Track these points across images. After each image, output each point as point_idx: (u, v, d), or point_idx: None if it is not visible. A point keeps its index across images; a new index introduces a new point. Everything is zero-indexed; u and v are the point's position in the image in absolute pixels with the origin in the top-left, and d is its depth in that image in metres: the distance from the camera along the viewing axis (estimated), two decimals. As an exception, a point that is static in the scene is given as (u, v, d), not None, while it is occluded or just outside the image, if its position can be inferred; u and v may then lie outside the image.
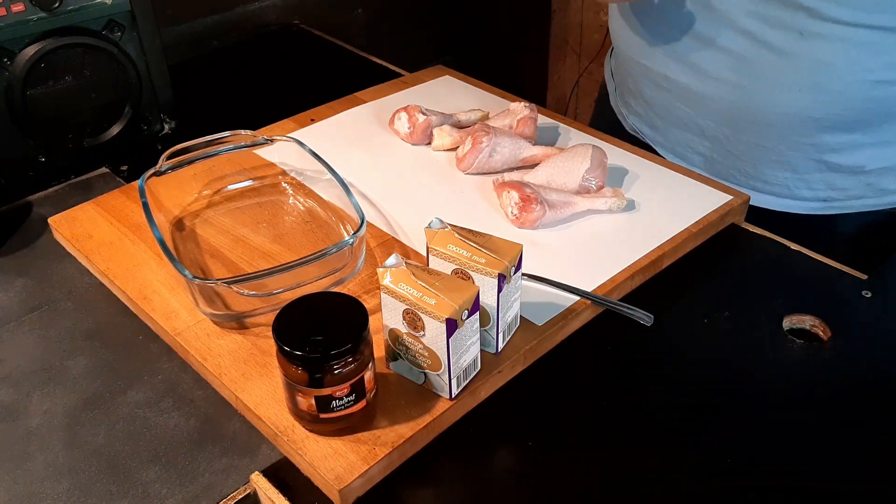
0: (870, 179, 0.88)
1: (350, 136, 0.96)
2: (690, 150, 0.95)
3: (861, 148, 0.85)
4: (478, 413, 0.64)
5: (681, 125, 0.94)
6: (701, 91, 0.88)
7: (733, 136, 0.90)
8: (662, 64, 0.91)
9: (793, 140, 0.85)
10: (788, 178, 0.90)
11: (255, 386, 0.63)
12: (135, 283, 0.74)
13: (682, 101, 0.92)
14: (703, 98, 0.89)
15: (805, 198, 0.91)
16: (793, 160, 0.88)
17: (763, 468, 0.59)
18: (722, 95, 0.87)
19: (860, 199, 0.89)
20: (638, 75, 0.97)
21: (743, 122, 0.87)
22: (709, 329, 0.71)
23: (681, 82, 0.90)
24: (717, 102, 0.88)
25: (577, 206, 0.81)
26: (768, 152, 0.88)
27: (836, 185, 0.89)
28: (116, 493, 0.58)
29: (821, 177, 0.88)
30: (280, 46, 1.30)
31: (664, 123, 0.97)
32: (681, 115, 0.93)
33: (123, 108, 0.93)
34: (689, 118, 0.92)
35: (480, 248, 0.62)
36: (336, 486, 0.56)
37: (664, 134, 0.98)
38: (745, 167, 0.91)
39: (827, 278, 0.77)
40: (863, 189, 0.89)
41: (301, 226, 0.81)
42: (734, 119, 0.88)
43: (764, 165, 0.90)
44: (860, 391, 0.66)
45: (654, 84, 0.94)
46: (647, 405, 0.65)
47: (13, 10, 0.82)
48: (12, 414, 0.64)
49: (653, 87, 0.95)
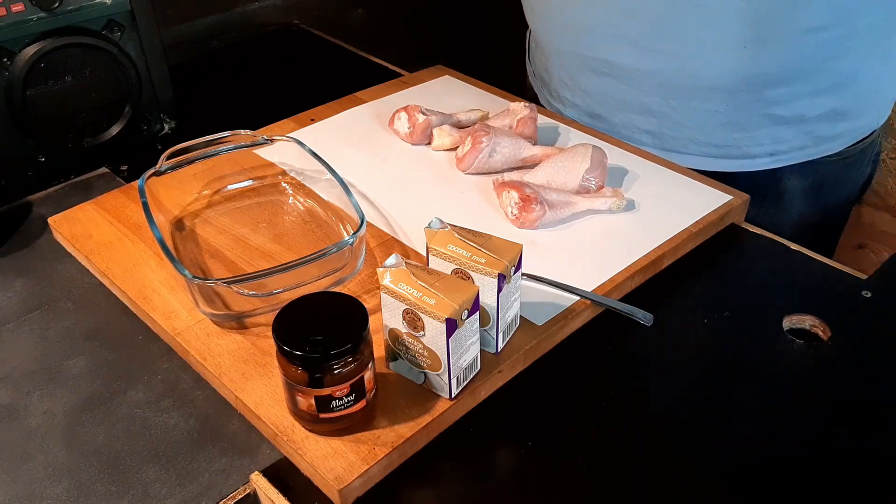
0: (809, 128, 0.92)
1: (350, 136, 0.96)
2: (637, 131, 0.97)
3: (800, 98, 0.89)
4: (478, 413, 0.64)
5: (624, 107, 0.96)
6: (645, 67, 0.90)
7: (681, 107, 0.92)
8: (602, 48, 0.92)
9: (740, 99, 0.88)
10: (738, 137, 0.92)
11: (254, 386, 0.63)
12: (135, 283, 0.74)
13: (625, 83, 0.93)
14: (647, 74, 0.91)
15: (755, 154, 0.94)
16: (741, 119, 0.91)
17: (763, 468, 0.59)
18: (667, 67, 0.88)
19: (802, 149, 0.93)
20: (573, 67, 0.98)
21: (691, 90, 0.89)
22: (709, 329, 0.71)
23: (622, 63, 0.91)
24: (662, 76, 0.90)
25: (577, 206, 0.81)
26: (718, 115, 0.91)
27: (781, 137, 0.92)
28: (116, 493, 0.58)
29: (767, 132, 0.92)
30: (280, 46, 1.30)
31: (606, 109, 0.98)
32: (624, 97, 0.95)
33: (123, 108, 0.93)
34: (634, 98, 0.94)
35: (480, 248, 0.62)
36: (336, 486, 0.56)
37: (607, 120, 0.99)
38: (696, 135, 0.94)
39: (827, 278, 0.77)
40: (804, 139, 0.93)
41: (301, 226, 0.81)
42: (682, 88, 0.90)
43: (715, 130, 0.92)
44: (860, 391, 0.66)
45: (593, 71, 0.96)
46: (646, 405, 0.65)
47: (13, 10, 0.82)
48: (12, 414, 0.64)
49: (592, 74, 0.96)
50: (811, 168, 0.95)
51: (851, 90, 0.90)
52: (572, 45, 0.96)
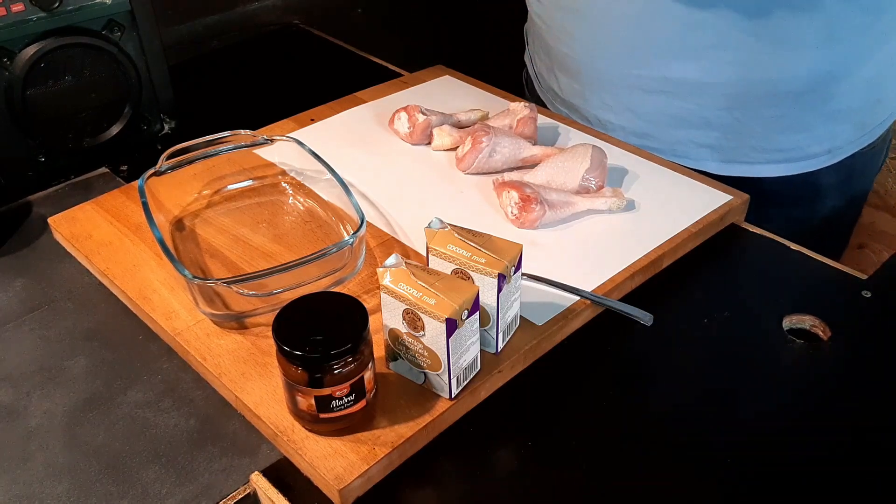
0: (860, 118, 0.92)
1: (350, 136, 0.96)
2: (694, 146, 0.95)
3: (855, 89, 0.89)
4: (478, 413, 0.64)
5: (682, 124, 0.93)
6: (710, 80, 0.88)
7: (745, 116, 0.90)
8: (659, 66, 0.90)
9: (807, 100, 0.88)
10: (800, 139, 0.92)
11: (254, 386, 0.63)
12: (135, 283, 0.74)
13: (683, 99, 0.91)
14: (711, 87, 0.89)
15: (815, 153, 0.93)
16: (806, 119, 0.90)
17: (763, 468, 0.59)
18: (735, 77, 0.87)
19: (853, 142, 0.94)
20: (621, 88, 0.95)
21: (759, 98, 0.88)
22: (709, 329, 0.71)
23: (684, 79, 0.89)
24: (728, 87, 0.88)
25: (577, 206, 0.81)
26: (783, 120, 0.90)
27: (836, 133, 0.92)
28: (116, 493, 0.58)
29: (825, 129, 0.91)
30: (280, 46, 1.30)
31: (659, 128, 0.95)
32: (682, 114, 0.92)
33: (123, 108, 0.93)
34: (693, 113, 0.92)
35: (480, 248, 0.62)
36: (336, 486, 0.56)
37: (658, 139, 0.96)
38: (758, 143, 0.93)
39: (827, 278, 0.77)
40: (854, 131, 0.93)
41: (301, 226, 0.81)
42: (749, 97, 0.88)
43: (779, 134, 0.91)
44: (860, 391, 0.66)
45: (644, 90, 0.93)
46: (646, 405, 0.65)
47: (13, 10, 0.82)
48: (12, 414, 0.64)
49: (643, 94, 0.93)
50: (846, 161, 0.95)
51: (890, 74, 0.91)
52: (622, 65, 0.92)
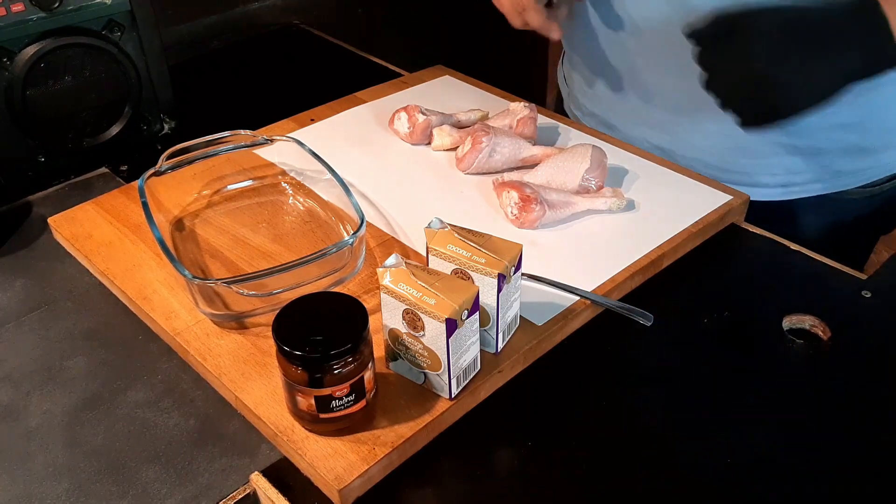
0: (827, 161, 0.88)
1: (350, 136, 0.96)
2: (649, 146, 0.95)
3: (819, 130, 0.85)
4: (478, 413, 0.64)
5: (639, 121, 0.95)
6: (660, 82, 0.89)
7: (691, 127, 0.90)
8: (620, 59, 0.91)
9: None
10: (748, 164, 0.90)
11: (254, 386, 0.63)
12: (134, 283, 0.74)
13: (640, 97, 0.92)
14: (661, 89, 0.89)
15: (766, 184, 0.91)
16: (752, 145, 0.88)
17: (763, 468, 0.59)
18: (678, 84, 0.86)
19: (818, 182, 0.90)
20: (594, 74, 0.97)
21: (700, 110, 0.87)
22: (709, 329, 0.71)
23: (639, 76, 0.90)
24: (673, 92, 0.88)
25: (577, 206, 0.81)
26: (727, 139, 0.88)
27: (794, 168, 0.89)
28: (116, 493, 0.58)
29: (779, 161, 0.89)
30: (280, 46, 1.30)
31: (621, 121, 0.97)
32: (639, 110, 0.93)
33: (123, 108, 0.93)
34: (648, 112, 0.93)
35: (480, 248, 0.62)
36: (336, 486, 0.56)
37: (622, 132, 0.98)
38: (705, 157, 0.91)
39: (827, 278, 0.77)
40: (820, 172, 0.89)
41: (301, 226, 0.81)
42: (693, 107, 0.87)
43: (724, 153, 0.90)
44: (860, 391, 0.66)
45: (611, 80, 0.94)
46: (646, 405, 0.65)
47: (13, 10, 0.82)
48: (12, 414, 0.64)
49: (610, 83, 0.95)
50: (830, 205, 0.91)
51: (879, 125, 0.86)
52: (594, 50, 0.94)
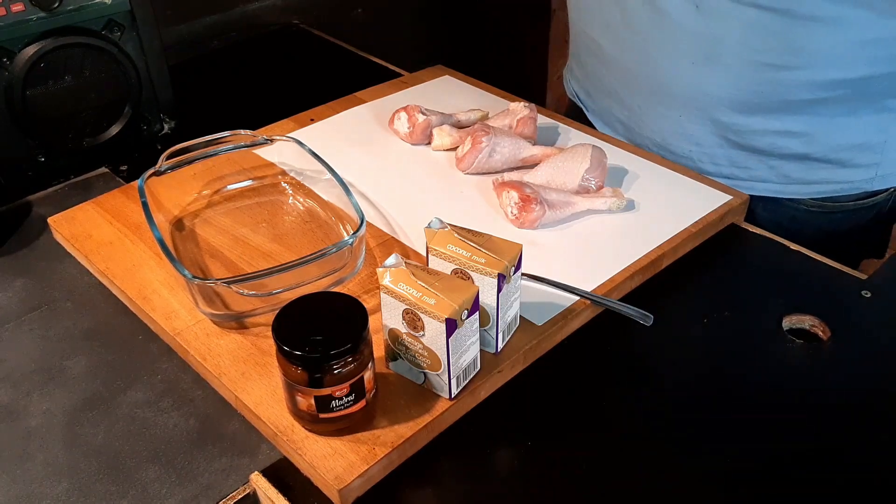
0: (772, 163, 0.88)
1: (350, 136, 0.96)
2: (613, 118, 0.98)
3: (762, 134, 0.86)
4: (477, 413, 0.64)
5: (605, 92, 0.97)
6: (619, 58, 0.91)
7: (644, 105, 0.92)
8: (593, 29, 0.94)
9: (693, 113, 0.87)
10: (693, 150, 0.91)
11: (254, 386, 0.63)
12: (134, 283, 0.74)
13: (604, 66, 0.95)
14: (620, 65, 0.92)
15: (709, 172, 0.91)
16: (695, 133, 0.90)
17: (763, 468, 0.59)
18: (628, 58, 0.90)
19: (764, 182, 0.90)
20: (578, 41, 1.01)
21: (647, 89, 0.90)
22: (709, 329, 0.71)
23: (604, 49, 0.93)
24: (630, 70, 0.91)
25: (577, 206, 0.81)
26: (672, 123, 0.90)
27: (739, 162, 0.90)
28: (116, 492, 0.58)
29: (723, 153, 0.90)
30: (280, 46, 1.30)
31: (594, 90, 1.00)
32: (606, 83, 0.96)
33: (123, 108, 0.93)
34: (611, 86, 0.96)
35: (480, 248, 0.62)
36: (336, 486, 0.56)
37: (595, 100, 1.01)
38: (655, 137, 0.94)
39: (827, 278, 0.77)
40: (766, 172, 0.89)
41: (301, 226, 0.81)
42: (640, 85, 0.90)
43: (670, 136, 0.92)
44: (860, 391, 0.66)
45: (587, 49, 0.98)
46: (646, 405, 0.65)
47: (13, 10, 0.82)
48: (12, 414, 0.64)
49: (587, 52, 0.98)
50: (782, 210, 0.90)
51: (825, 140, 0.84)
52: (577, 20, 0.98)
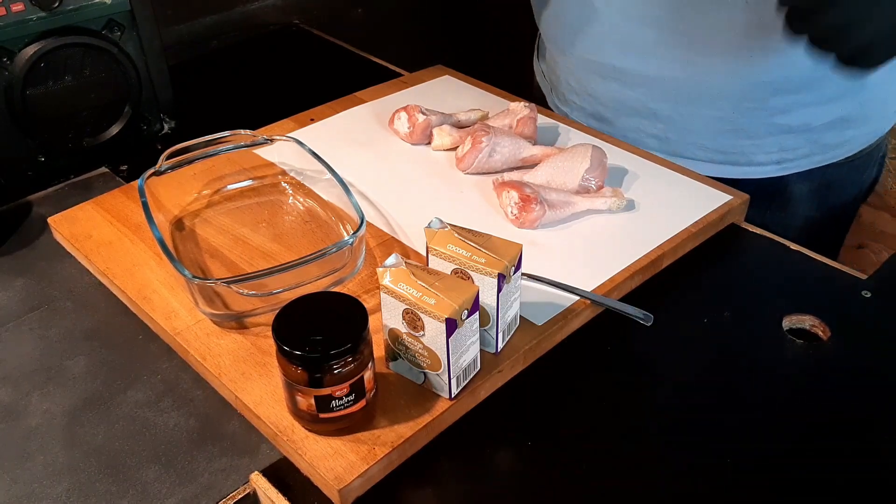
0: (816, 136, 0.92)
1: (350, 135, 0.96)
2: (644, 135, 0.98)
3: (807, 106, 0.89)
4: (477, 413, 0.64)
5: (631, 112, 0.97)
6: (652, 74, 0.91)
7: (687, 113, 0.92)
8: (609, 54, 0.93)
9: (746, 107, 0.88)
10: (745, 145, 0.93)
11: (254, 386, 0.63)
12: (134, 283, 0.74)
13: (631, 88, 0.94)
14: (654, 80, 0.91)
15: (761, 162, 0.94)
16: (748, 126, 0.91)
17: (763, 468, 0.59)
18: (673, 73, 0.89)
19: (808, 156, 0.94)
20: (581, 71, 0.99)
21: (697, 96, 0.90)
22: (709, 329, 0.71)
23: (630, 69, 0.92)
24: (668, 82, 0.90)
25: (577, 206, 0.81)
26: (724, 122, 0.91)
27: (787, 146, 0.92)
28: (116, 492, 0.58)
29: (773, 140, 0.92)
30: (280, 46, 1.30)
31: (613, 113, 0.99)
32: (631, 102, 0.96)
33: (123, 108, 0.93)
34: (640, 103, 0.95)
35: (480, 248, 0.62)
36: (336, 486, 0.56)
37: (613, 124, 1.00)
38: (702, 141, 0.94)
39: (827, 278, 0.77)
40: (811, 147, 0.93)
41: (301, 226, 0.81)
42: (688, 95, 0.91)
43: (721, 136, 0.93)
44: (860, 391, 0.66)
45: (600, 76, 0.97)
46: (646, 405, 0.65)
47: (13, 10, 0.82)
48: (12, 414, 0.64)
49: (599, 79, 0.97)
50: (817, 173, 0.95)
51: (858, 98, 0.90)
52: (581, 49, 0.96)
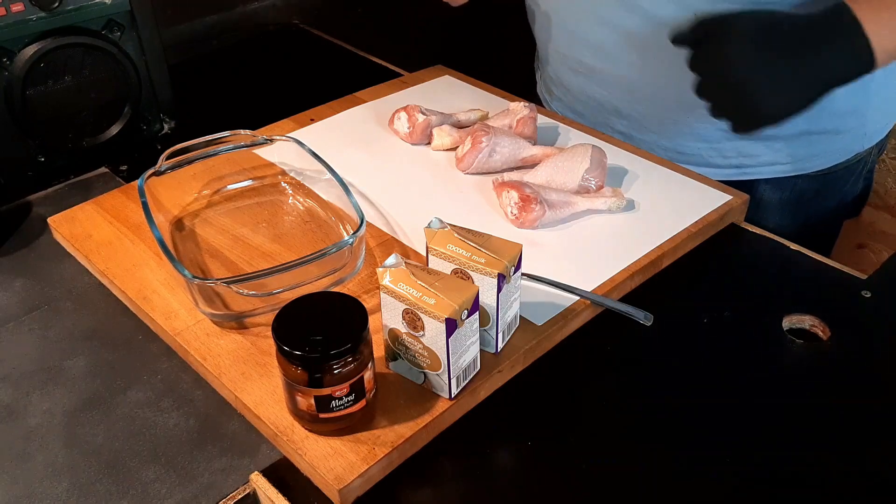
0: (777, 145, 0.91)
1: (350, 135, 0.96)
2: (611, 130, 0.99)
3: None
4: (477, 413, 0.64)
5: (598, 107, 0.98)
6: (613, 72, 0.92)
7: (647, 113, 0.94)
8: (576, 50, 0.95)
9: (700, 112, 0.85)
10: (702, 147, 0.94)
11: (254, 386, 0.63)
12: (134, 283, 0.74)
13: (596, 84, 0.96)
14: (615, 78, 0.93)
15: (719, 165, 0.94)
16: (703, 131, 0.92)
17: (763, 468, 0.59)
18: (630, 75, 0.91)
19: (772, 165, 0.93)
20: (556, 63, 1.01)
21: (653, 98, 0.91)
22: (709, 329, 0.71)
23: (594, 66, 0.94)
24: (627, 82, 0.92)
25: (577, 206, 0.81)
26: (680, 125, 0.92)
27: (746, 152, 0.92)
28: (116, 492, 0.58)
29: (731, 145, 0.92)
30: (280, 46, 1.30)
31: (584, 107, 1.01)
32: (597, 97, 0.97)
33: (123, 108, 0.93)
34: (605, 99, 0.96)
35: (480, 248, 0.62)
36: (336, 486, 0.56)
37: (584, 116, 1.01)
38: (662, 141, 0.95)
39: (827, 278, 0.77)
40: (774, 155, 0.92)
41: (301, 226, 0.81)
42: (645, 96, 0.92)
43: (679, 138, 0.94)
44: (860, 391, 0.66)
45: (571, 70, 0.98)
46: (646, 405, 0.65)
47: (13, 10, 0.82)
48: (12, 414, 0.64)
49: (570, 73, 0.99)
50: (787, 182, 0.94)
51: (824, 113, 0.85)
52: (556, 43, 0.99)
